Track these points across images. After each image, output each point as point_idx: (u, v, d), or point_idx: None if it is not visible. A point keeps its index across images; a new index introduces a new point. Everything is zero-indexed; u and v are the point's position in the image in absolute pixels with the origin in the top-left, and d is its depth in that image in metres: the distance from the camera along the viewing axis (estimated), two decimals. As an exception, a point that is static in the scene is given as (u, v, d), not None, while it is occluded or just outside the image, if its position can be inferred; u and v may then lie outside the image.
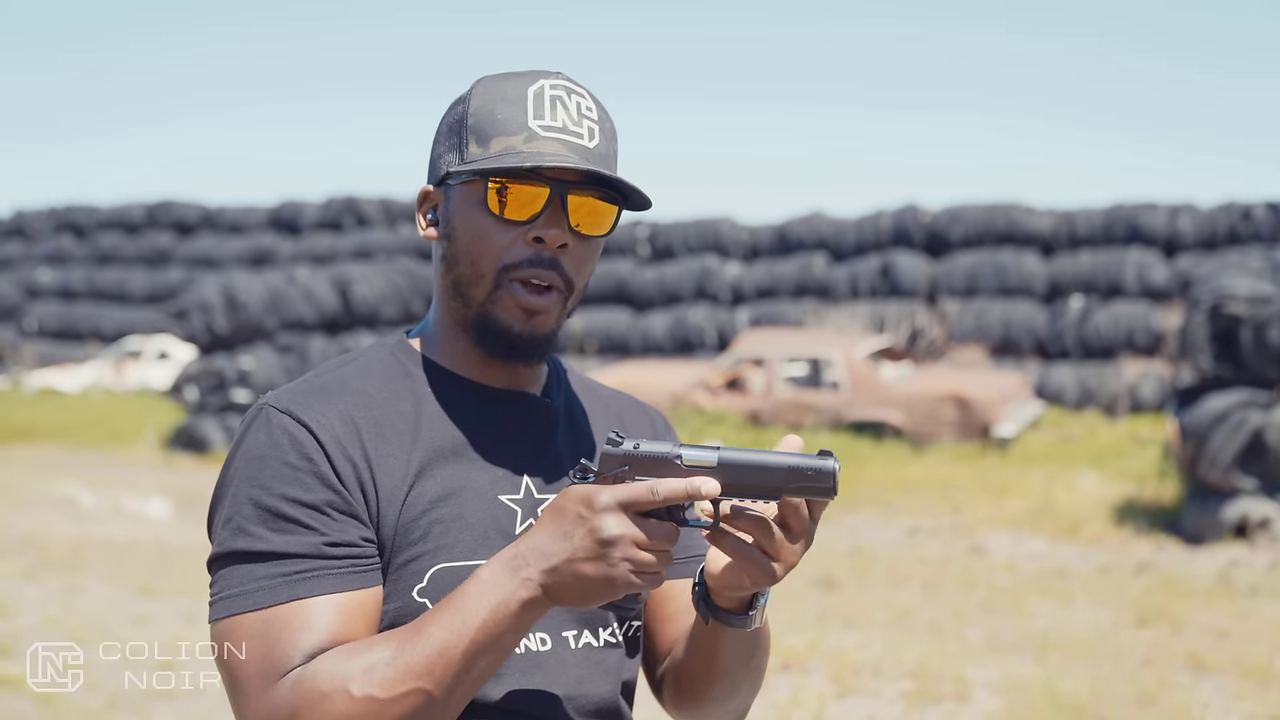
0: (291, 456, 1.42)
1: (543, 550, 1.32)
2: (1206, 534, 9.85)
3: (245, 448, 1.45)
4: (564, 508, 1.32)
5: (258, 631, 1.37)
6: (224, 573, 1.42)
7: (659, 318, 21.59)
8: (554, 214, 1.48)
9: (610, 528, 1.29)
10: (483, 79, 1.54)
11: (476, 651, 1.32)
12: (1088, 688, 6.09)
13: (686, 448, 1.35)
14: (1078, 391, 17.76)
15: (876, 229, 20.95)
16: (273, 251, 26.43)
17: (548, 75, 1.53)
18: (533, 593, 1.32)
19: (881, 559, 9.40)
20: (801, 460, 1.33)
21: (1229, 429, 9.86)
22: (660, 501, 1.30)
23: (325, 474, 1.42)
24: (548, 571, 1.31)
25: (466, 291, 1.51)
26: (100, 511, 11.68)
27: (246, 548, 1.40)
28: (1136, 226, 19.28)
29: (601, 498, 1.30)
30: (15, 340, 27.73)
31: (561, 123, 1.49)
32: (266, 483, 1.41)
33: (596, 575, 1.30)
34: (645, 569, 1.31)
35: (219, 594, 1.41)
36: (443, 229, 1.53)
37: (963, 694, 6.04)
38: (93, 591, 8.25)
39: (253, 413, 1.48)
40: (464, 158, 1.49)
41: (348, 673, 1.32)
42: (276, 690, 1.34)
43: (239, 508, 1.42)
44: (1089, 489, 12.23)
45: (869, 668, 6.50)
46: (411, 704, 1.31)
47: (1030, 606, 7.88)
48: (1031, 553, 9.67)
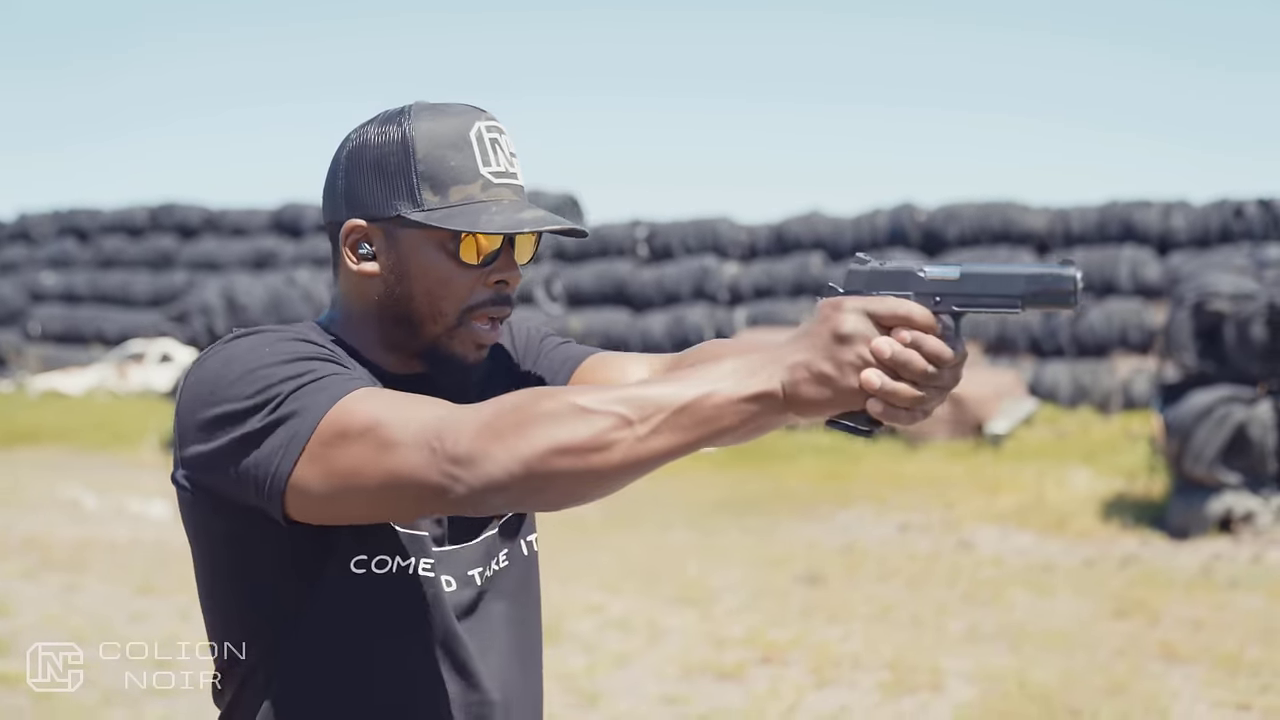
0: (289, 337, 1.50)
1: (785, 351, 1.35)
2: (1191, 528, 9.99)
3: (237, 349, 1.48)
4: (814, 317, 1.37)
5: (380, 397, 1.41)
6: (288, 402, 1.41)
7: (657, 318, 21.73)
8: (506, 256, 1.59)
9: (848, 323, 1.33)
10: (415, 113, 1.58)
11: (693, 412, 1.32)
12: (1059, 677, 6.24)
13: (930, 265, 1.40)
14: (1071, 389, 17.90)
15: (873, 228, 21.09)
16: (275, 254, 26.56)
17: (479, 114, 1.60)
18: (769, 386, 1.33)
19: (871, 555, 9.54)
20: (1042, 269, 1.36)
21: (1213, 424, 10.01)
22: (902, 319, 1.33)
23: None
24: (788, 369, 1.33)
25: (420, 327, 1.57)
26: (103, 513, 11.84)
27: (311, 374, 1.44)
28: (1130, 224, 19.40)
29: (849, 301, 1.35)
30: (19, 343, 27.89)
31: (503, 166, 1.58)
32: (279, 352, 1.46)
33: (830, 372, 1.31)
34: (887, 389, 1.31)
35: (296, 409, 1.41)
36: (389, 267, 1.57)
37: (937, 684, 6.19)
38: (92, 591, 8.41)
39: (227, 339, 1.51)
40: (419, 203, 1.54)
41: (567, 392, 1.34)
42: (452, 408, 1.38)
43: (261, 388, 1.43)
44: (1080, 485, 12.37)
45: (848, 659, 6.64)
46: (613, 425, 1.31)
47: (1011, 599, 8.03)
48: (1018, 547, 9.81)
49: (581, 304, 22.74)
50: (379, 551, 1.55)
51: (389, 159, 1.56)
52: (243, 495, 1.45)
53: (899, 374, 1.32)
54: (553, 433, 1.30)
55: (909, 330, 1.33)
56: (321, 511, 1.43)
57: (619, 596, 8.10)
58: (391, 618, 1.57)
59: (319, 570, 1.53)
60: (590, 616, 7.38)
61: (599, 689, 6.07)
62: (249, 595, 1.56)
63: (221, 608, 1.60)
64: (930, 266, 1.40)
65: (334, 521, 1.46)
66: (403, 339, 1.61)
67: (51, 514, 11.65)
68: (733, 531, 10.65)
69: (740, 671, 6.47)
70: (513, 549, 1.71)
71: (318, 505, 1.42)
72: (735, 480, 13.15)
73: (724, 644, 6.96)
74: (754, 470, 13.68)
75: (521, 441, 1.30)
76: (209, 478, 1.48)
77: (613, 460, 1.31)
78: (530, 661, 1.75)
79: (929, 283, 1.39)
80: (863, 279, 1.41)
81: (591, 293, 22.74)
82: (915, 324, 1.33)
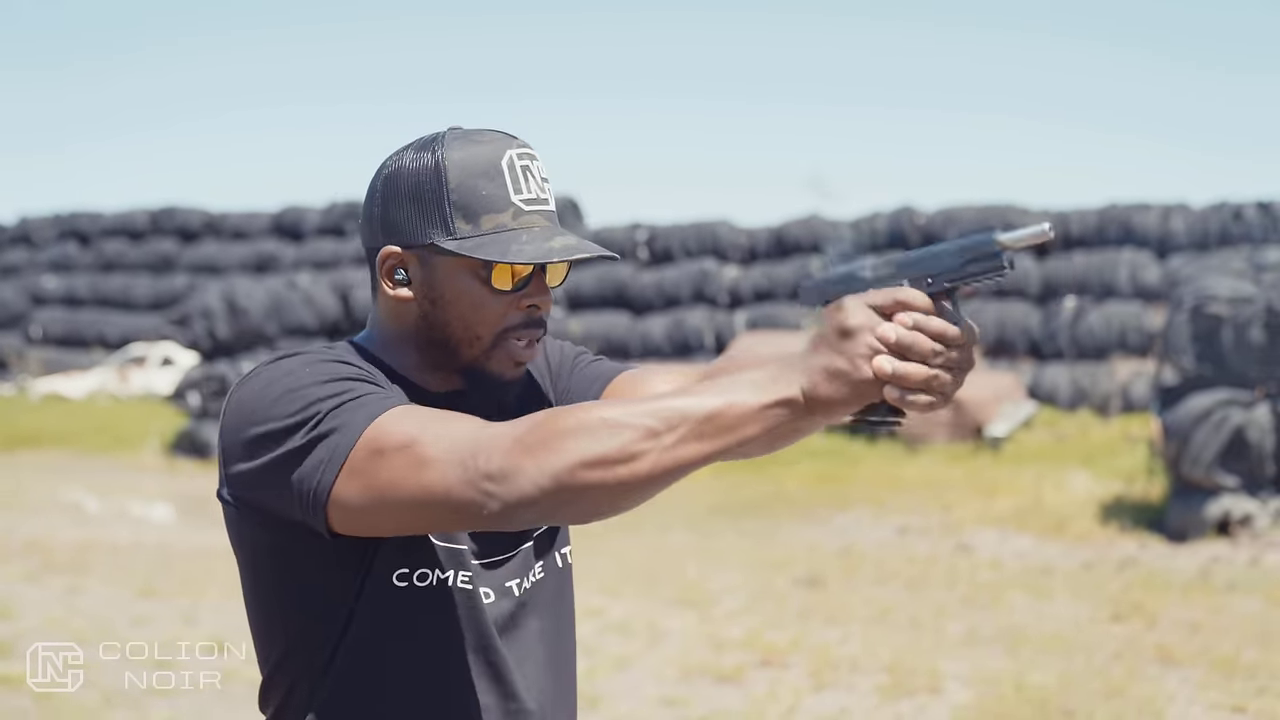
0: (328, 359, 1.55)
1: (799, 358, 1.39)
2: (1189, 531, 10.02)
3: (278, 372, 1.52)
4: (824, 324, 1.41)
5: (416, 415, 1.46)
6: (328, 419, 1.46)
7: (657, 321, 21.75)
8: (539, 281, 1.64)
9: (853, 316, 1.36)
10: (449, 142, 1.62)
11: (719, 420, 1.36)
12: (1056, 680, 6.27)
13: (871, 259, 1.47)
14: (1071, 391, 17.92)
15: (872, 231, 21.09)
16: (276, 257, 26.59)
17: (511, 143, 1.64)
18: (790, 393, 1.37)
19: (869, 558, 9.58)
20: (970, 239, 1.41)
21: (1211, 427, 10.05)
22: (899, 305, 1.37)
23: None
24: (806, 373, 1.37)
25: (457, 350, 1.63)
26: (105, 516, 11.88)
27: (352, 394, 1.49)
28: (1129, 227, 19.41)
29: (848, 299, 1.39)
30: (20, 347, 27.93)
31: (534, 193, 1.62)
32: (318, 373, 1.51)
33: (845, 366, 1.35)
34: (900, 373, 1.34)
35: (336, 426, 1.46)
36: (423, 292, 1.62)
37: (935, 687, 6.22)
38: (94, 593, 8.44)
39: (270, 360, 1.56)
40: (452, 231, 1.58)
41: (595, 407, 1.38)
42: (484, 424, 1.43)
43: (302, 407, 1.47)
44: (1079, 488, 12.40)
45: (846, 662, 6.67)
46: (640, 437, 1.35)
47: (1010, 602, 8.06)
48: (1017, 550, 9.84)
49: (581, 307, 22.77)
50: (420, 565, 1.60)
51: (423, 187, 1.60)
52: (287, 510, 1.50)
53: (907, 356, 1.35)
54: (582, 446, 1.34)
55: (908, 313, 1.36)
56: (362, 524, 1.48)
57: (619, 599, 8.13)
58: (432, 629, 1.62)
59: (362, 582, 1.58)
60: (590, 619, 7.40)
61: (599, 691, 6.10)
62: (295, 607, 1.62)
63: (267, 619, 1.66)
64: (870, 260, 1.45)
65: (376, 534, 1.52)
66: (441, 360, 1.66)
67: (53, 517, 11.69)
68: (731, 534, 10.69)
69: (739, 674, 6.50)
70: (548, 561, 1.76)
71: (359, 518, 1.47)
72: (734, 484, 13.18)
73: (723, 646, 6.99)
74: (752, 474, 13.71)
75: (552, 456, 1.35)
76: (254, 494, 1.54)
77: (640, 471, 1.35)
78: (565, 672, 1.81)
79: (872, 281, 1.44)
80: (815, 293, 1.47)
81: (591, 296, 22.75)
82: (913, 306, 1.37)
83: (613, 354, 21.54)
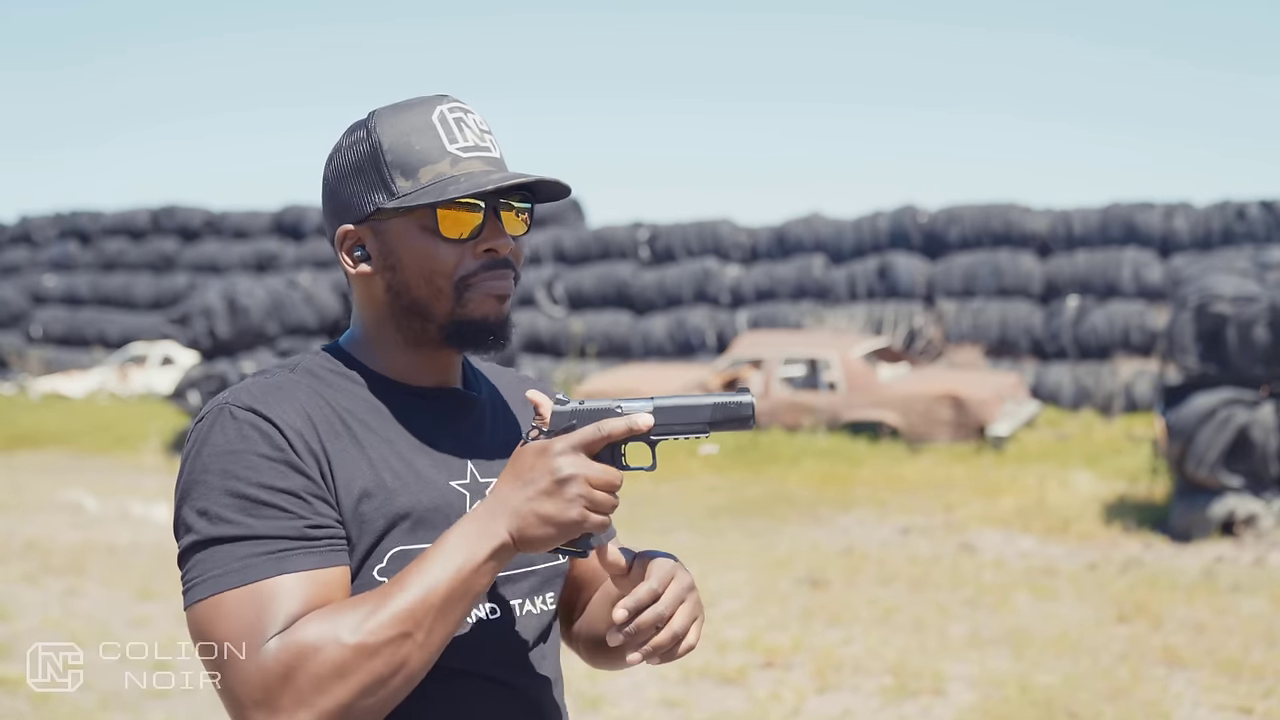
0: (263, 448, 1.51)
1: (506, 499, 1.49)
2: (1194, 531, 9.97)
3: (211, 444, 1.53)
4: (522, 461, 1.51)
5: (243, 604, 1.45)
6: (201, 557, 1.49)
7: (659, 320, 21.70)
8: (492, 226, 1.62)
9: (565, 466, 1.48)
10: (377, 114, 1.66)
11: (455, 597, 1.45)
12: (1061, 681, 6.23)
13: (625, 401, 1.56)
14: (1074, 391, 17.87)
15: (874, 230, 21.05)
16: (276, 256, 26.58)
17: (440, 99, 1.66)
18: (501, 540, 1.47)
19: (872, 558, 9.53)
20: (723, 398, 1.56)
21: (1215, 427, 9.98)
22: (604, 438, 1.50)
23: (296, 462, 1.52)
24: (513, 517, 1.47)
25: (428, 309, 1.62)
26: (105, 516, 11.83)
27: (226, 534, 1.48)
28: (1132, 226, 19.36)
29: (556, 444, 1.50)
30: (21, 346, 27.91)
31: (472, 141, 1.64)
32: (241, 473, 1.50)
33: (556, 513, 1.47)
34: (599, 506, 1.48)
35: (198, 577, 1.48)
36: (381, 262, 1.64)
37: (939, 689, 6.17)
38: (93, 595, 8.40)
39: (213, 413, 1.56)
40: (393, 192, 1.61)
41: (335, 626, 1.42)
42: (264, 653, 1.42)
43: (213, 499, 1.50)
44: (1082, 487, 12.35)
45: (850, 664, 6.63)
46: (398, 648, 1.43)
47: (1015, 603, 8.01)
48: (1021, 551, 9.79)
49: (583, 306, 22.73)
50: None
51: (361, 160, 1.64)
52: None
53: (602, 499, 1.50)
54: (350, 683, 1.42)
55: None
56: None
57: (620, 600, 8.06)
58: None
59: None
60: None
61: (600, 693, 6.06)
62: None
63: None
64: (626, 402, 1.56)
65: None
66: (419, 329, 1.66)
67: (53, 517, 11.65)
68: (734, 535, 10.64)
69: (742, 676, 6.45)
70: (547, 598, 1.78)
71: None
72: (736, 484, 13.13)
73: (726, 648, 6.95)
74: (755, 474, 13.67)
75: (326, 699, 1.41)
76: None
77: (412, 671, 1.45)
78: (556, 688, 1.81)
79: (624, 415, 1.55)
80: (566, 418, 1.55)
81: (593, 295, 22.71)
82: (615, 438, 1.52)
83: (614, 353, 21.54)
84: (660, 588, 1.56)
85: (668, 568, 1.59)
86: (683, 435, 1.57)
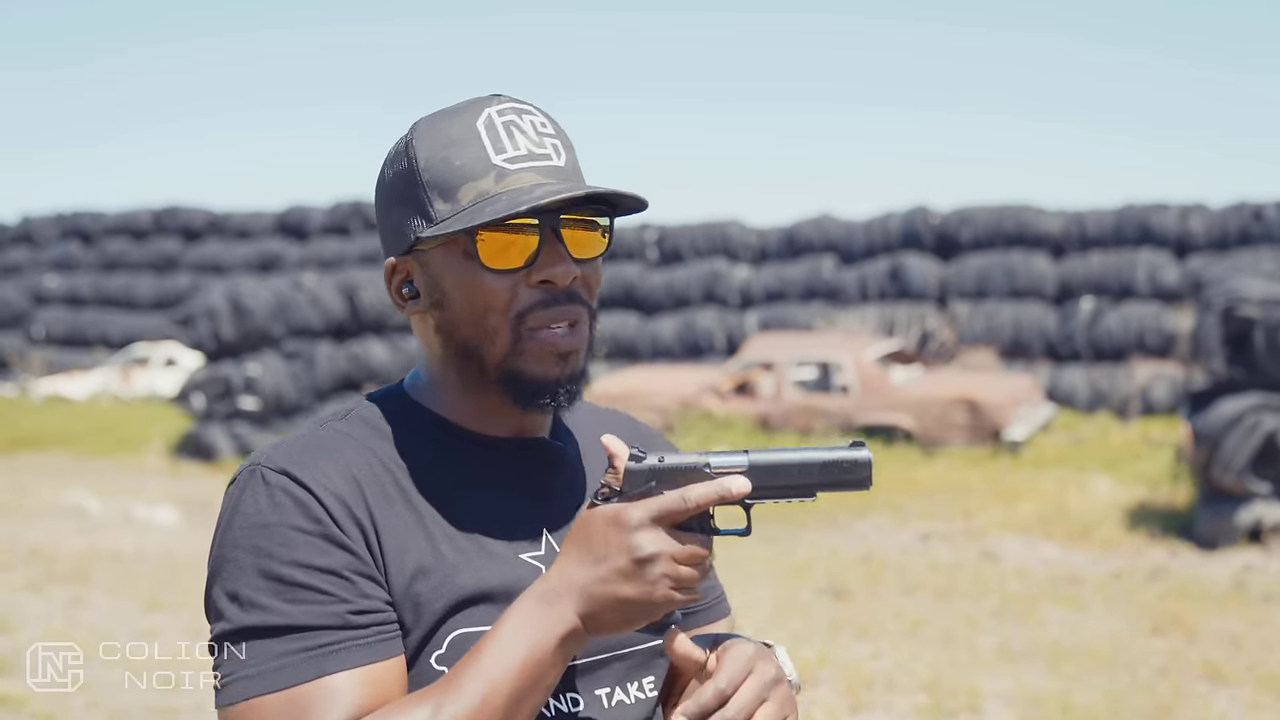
0: (298, 519, 1.30)
1: (575, 579, 1.26)
2: (1220, 539, 9.76)
3: (241, 514, 1.32)
4: (591, 531, 1.27)
5: (281, 712, 1.25)
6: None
7: (667, 321, 21.51)
8: (551, 250, 1.37)
9: (647, 544, 1.24)
10: (417, 125, 1.42)
11: (519, 696, 1.24)
12: (1103, 699, 6.01)
13: (714, 454, 1.31)
14: (1089, 394, 17.66)
15: (886, 231, 20.83)
16: (280, 257, 26.40)
17: (489, 101, 1.41)
18: (571, 625, 1.26)
19: (892, 565, 9.33)
20: (835, 454, 1.31)
21: (1243, 432, 9.77)
22: (693, 509, 1.26)
23: (336, 535, 1.30)
24: (584, 600, 1.25)
25: (481, 352, 1.38)
26: (108, 519, 11.65)
27: (259, 622, 1.28)
28: (1147, 227, 19.14)
29: (633, 514, 1.25)
30: (22, 347, 27.73)
31: (525, 149, 1.38)
32: (273, 550, 1.29)
33: (636, 596, 1.24)
34: (685, 584, 1.26)
35: (231, 675, 1.28)
36: (428, 299, 1.41)
37: (976, 706, 5.96)
38: (98, 605, 8.20)
39: (244, 476, 1.35)
40: (433, 218, 1.37)
41: None
42: None
43: (244, 580, 1.29)
44: (1101, 493, 12.15)
45: (881, 680, 6.42)
46: None
47: (1043, 614, 7.80)
48: (1044, 558, 9.59)
49: (590, 307, 22.54)
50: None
51: (400, 182, 1.41)
52: None
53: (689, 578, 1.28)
54: None
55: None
56: None
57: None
58: None
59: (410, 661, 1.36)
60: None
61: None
62: None
63: None
64: (716, 457, 1.31)
65: None
66: (476, 375, 1.41)
67: (56, 521, 11.46)
68: (751, 541, 10.43)
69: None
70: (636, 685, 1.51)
71: None
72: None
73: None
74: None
75: None
76: None
77: None
78: None
79: (714, 477, 1.30)
80: (643, 478, 1.30)
81: (601, 296, 22.39)
82: (704, 508, 1.28)
83: (622, 355, 21.35)
84: (730, 688, 1.30)
85: (744, 659, 1.33)
86: (784, 499, 1.31)
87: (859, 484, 1.31)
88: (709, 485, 1.27)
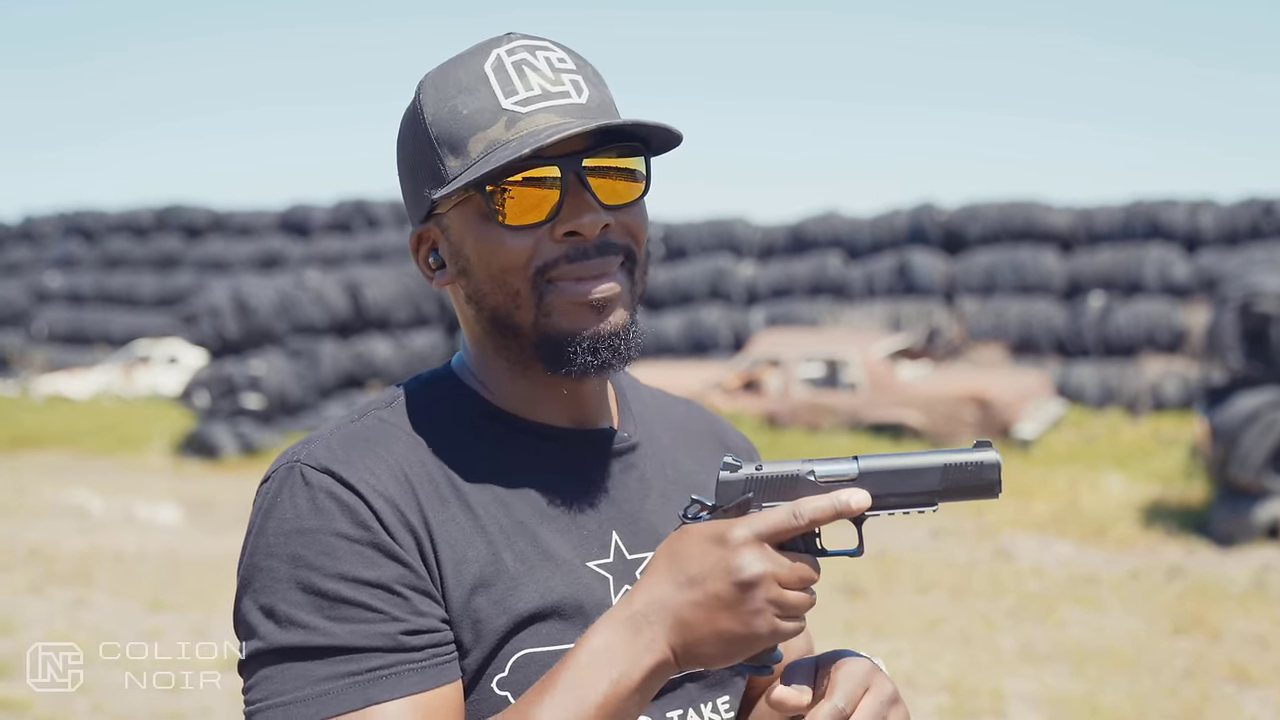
0: (343, 525, 1.15)
1: (666, 603, 1.11)
2: (1237, 536, 9.63)
3: (278, 518, 1.17)
4: (686, 550, 1.12)
5: None
6: (269, 674, 1.14)
7: (672, 318, 21.37)
8: (576, 199, 1.21)
9: (751, 566, 1.09)
10: (425, 79, 1.27)
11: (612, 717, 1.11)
12: (1129, 701, 5.88)
13: (816, 462, 1.15)
14: (1099, 390, 17.50)
15: (892, 227, 20.68)
16: (283, 254, 26.28)
17: (500, 41, 1.26)
18: (661, 656, 1.11)
19: (906, 563, 9.20)
20: (958, 456, 1.15)
21: (1260, 429, 9.64)
22: (805, 525, 1.11)
23: (387, 544, 1.16)
24: (677, 627, 1.11)
25: (512, 320, 1.24)
26: (110, 519, 11.52)
27: (300, 642, 1.13)
28: (1156, 223, 18.98)
29: (736, 532, 1.10)
30: (24, 345, 27.62)
31: (539, 89, 1.22)
32: (314, 560, 1.14)
33: (739, 627, 1.10)
34: (792, 611, 1.11)
35: (266, 700, 1.14)
36: (454, 267, 1.27)
37: (1000, 708, 5.83)
38: (100, 606, 8.08)
39: (281, 474, 1.20)
40: (444, 176, 1.22)
41: None
42: None
43: (281, 594, 1.15)
44: (1114, 490, 12.01)
45: (901, 680, 6.28)
46: None
47: (1062, 614, 7.67)
48: (1059, 557, 9.45)
49: (594, 305, 22.43)
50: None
51: (413, 144, 1.27)
52: None
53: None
54: None
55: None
56: None
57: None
58: None
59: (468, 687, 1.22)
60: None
61: None
62: None
63: None
64: (821, 465, 1.16)
65: None
66: (515, 349, 1.26)
67: (57, 521, 11.33)
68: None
69: (787, 694, 6.11)
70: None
71: None
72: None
73: (766, 663, 6.61)
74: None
75: None
76: None
77: None
78: None
79: (821, 487, 1.15)
80: (739, 489, 1.15)
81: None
82: (818, 524, 1.13)
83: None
84: (849, 707, 1.15)
85: (860, 676, 1.18)
86: (903, 510, 1.16)
87: (986, 490, 1.15)
88: (824, 499, 1.13)
